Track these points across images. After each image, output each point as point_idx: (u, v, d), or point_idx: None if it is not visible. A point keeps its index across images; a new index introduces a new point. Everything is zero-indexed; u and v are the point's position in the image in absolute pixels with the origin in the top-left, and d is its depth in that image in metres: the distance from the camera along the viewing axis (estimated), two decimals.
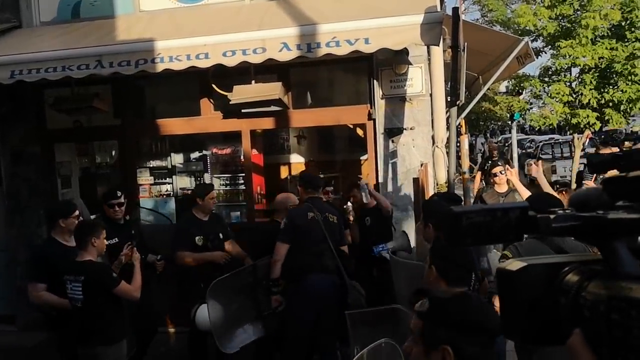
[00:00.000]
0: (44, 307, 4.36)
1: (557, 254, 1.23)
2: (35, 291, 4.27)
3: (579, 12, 13.24)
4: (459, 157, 6.85)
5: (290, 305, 4.58)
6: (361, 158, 8.00)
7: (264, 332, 4.74)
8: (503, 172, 6.15)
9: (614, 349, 0.74)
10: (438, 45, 5.07)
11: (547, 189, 5.12)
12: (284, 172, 8.80)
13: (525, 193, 5.33)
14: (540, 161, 12.87)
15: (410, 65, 5.70)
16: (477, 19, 24.92)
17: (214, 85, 5.97)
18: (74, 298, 3.90)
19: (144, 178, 7.10)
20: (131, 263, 4.19)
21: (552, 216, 0.82)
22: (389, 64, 5.73)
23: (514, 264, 0.86)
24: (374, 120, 5.89)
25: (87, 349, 3.89)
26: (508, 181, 6.17)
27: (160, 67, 4.96)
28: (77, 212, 4.45)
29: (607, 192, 0.82)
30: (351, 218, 5.48)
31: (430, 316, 1.59)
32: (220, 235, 5.15)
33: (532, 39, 14.61)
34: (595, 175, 7.29)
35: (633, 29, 12.65)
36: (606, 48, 12.52)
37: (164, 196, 7.21)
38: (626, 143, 14.68)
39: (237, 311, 4.68)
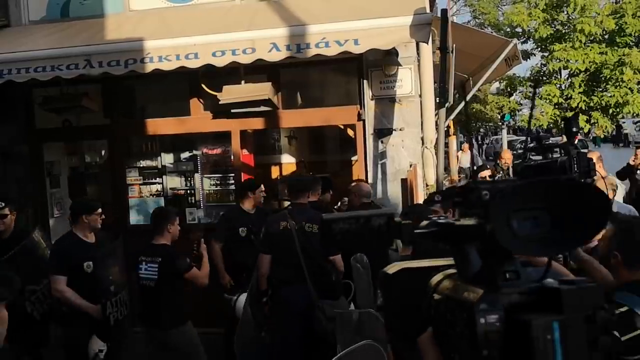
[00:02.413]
0: (63, 303, 4.37)
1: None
2: (56, 284, 4.28)
3: (573, 17, 13.36)
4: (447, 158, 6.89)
5: (274, 319, 4.43)
6: (352, 159, 8.01)
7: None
8: (490, 177, 6.20)
9: (450, 346, 0.77)
10: (427, 43, 5.10)
11: None
12: (274, 172, 8.80)
13: None
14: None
15: (399, 67, 5.72)
16: (469, 21, 25.07)
17: (203, 85, 5.97)
18: (148, 278, 4.18)
19: (134, 178, 7.07)
20: (199, 254, 4.40)
21: (422, 223, 0.84)
22: (378, 65, 5.75)
23: (393, 267, 0.89)
24: (364, 121, 5.91)
25: (156, 330, 4.17)
26: None
27: (149, 67, 4.96)
28: (99, 210, 4.51)
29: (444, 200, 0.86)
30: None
31: None
32: None
33: (522, 41, 14.72)
34: None
35: (623, 34, 12.79)
36: (597, 52, 12.65)
37: (154, 196, 7.19)
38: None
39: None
